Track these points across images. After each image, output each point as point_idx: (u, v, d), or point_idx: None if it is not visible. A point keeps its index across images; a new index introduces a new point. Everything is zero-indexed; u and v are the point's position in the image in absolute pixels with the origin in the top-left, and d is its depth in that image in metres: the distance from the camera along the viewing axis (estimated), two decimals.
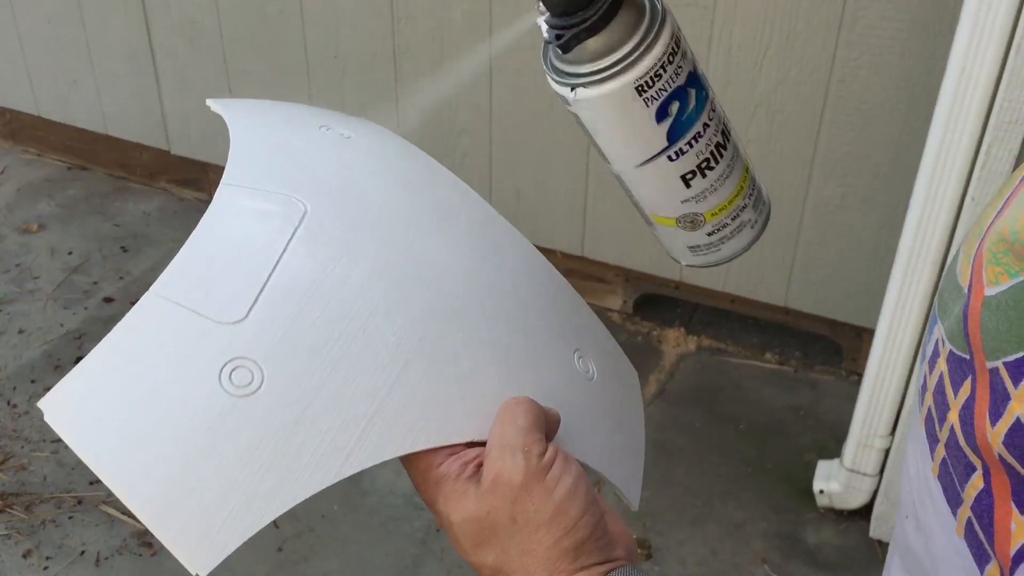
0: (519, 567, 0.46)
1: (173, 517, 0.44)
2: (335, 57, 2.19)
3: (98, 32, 2.47)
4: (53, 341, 2.14)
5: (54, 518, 1.74)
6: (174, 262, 0.49)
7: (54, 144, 2.79)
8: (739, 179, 0.57)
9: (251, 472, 0.44)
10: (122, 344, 0.46)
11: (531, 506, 0.46)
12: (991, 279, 0.45)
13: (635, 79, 0.50)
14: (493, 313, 0.54)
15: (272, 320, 0.47)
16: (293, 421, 0.46)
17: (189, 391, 0.45)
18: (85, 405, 0.45)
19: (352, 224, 0.52)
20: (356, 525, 1.74)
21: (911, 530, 0.55)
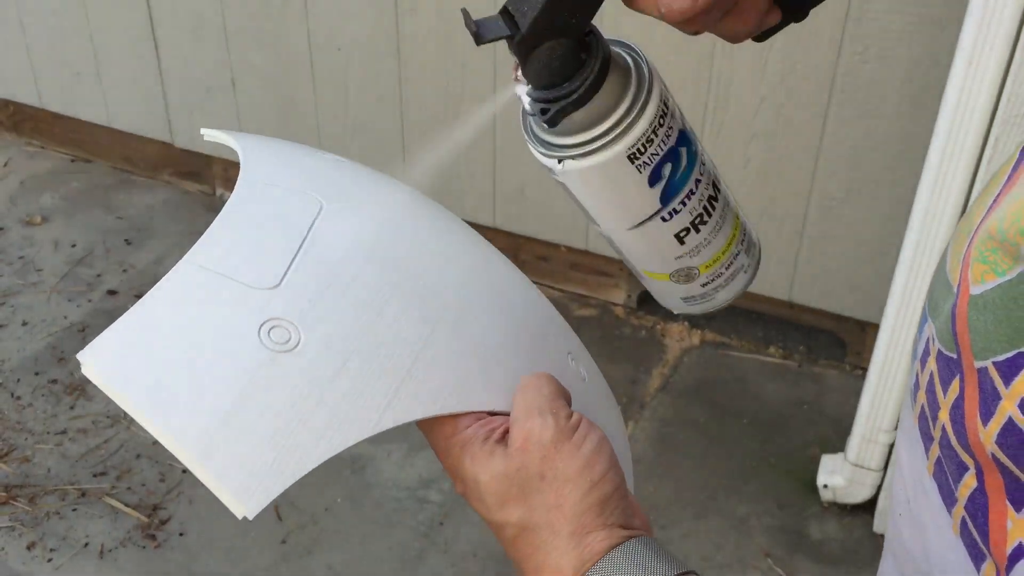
0: (545, 523, 0.47)
1: (219, 461, 0.44)
2: (339, 50, 2.18)
3: (102, 25, 2.47)
4: (57, 333, 2.14)
5: (58, 510, 1.75)
6: (207, 234, 0.50)
7: (58, 137, 2.79)
8: (732, 228, 0.56)
9: (294, 420, 0.45)
10: (160, 302, 0.47)
11: (559, 462, 0.47)
12: (976, 278, 0.45)
13: (627, 148, 0.48)
14: (500, 307, 0.56)
15: (305, 286, 0.49)
16: (331, 377, 0.47)
17: (231, 343, 0.46)
18: (126, 356, 0.45)
19: (367, 218, 0.55)
20: (360, 518, 1.74)
21: (905, 527, 0.55)
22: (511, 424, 0.49)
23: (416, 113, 2.18)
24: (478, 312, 0.54)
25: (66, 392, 1.99)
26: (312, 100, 2.29)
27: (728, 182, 0.55)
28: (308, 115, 2.31)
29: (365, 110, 2.24)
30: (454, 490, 0.52)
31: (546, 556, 0.47)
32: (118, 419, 1.93)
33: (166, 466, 1.84)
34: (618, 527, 0.47)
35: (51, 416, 1.94)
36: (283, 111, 2.35)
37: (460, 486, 0.50)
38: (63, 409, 1.95)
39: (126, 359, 0.45)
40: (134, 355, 0.45)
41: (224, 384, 0.45)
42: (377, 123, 2.24)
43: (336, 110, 2.28)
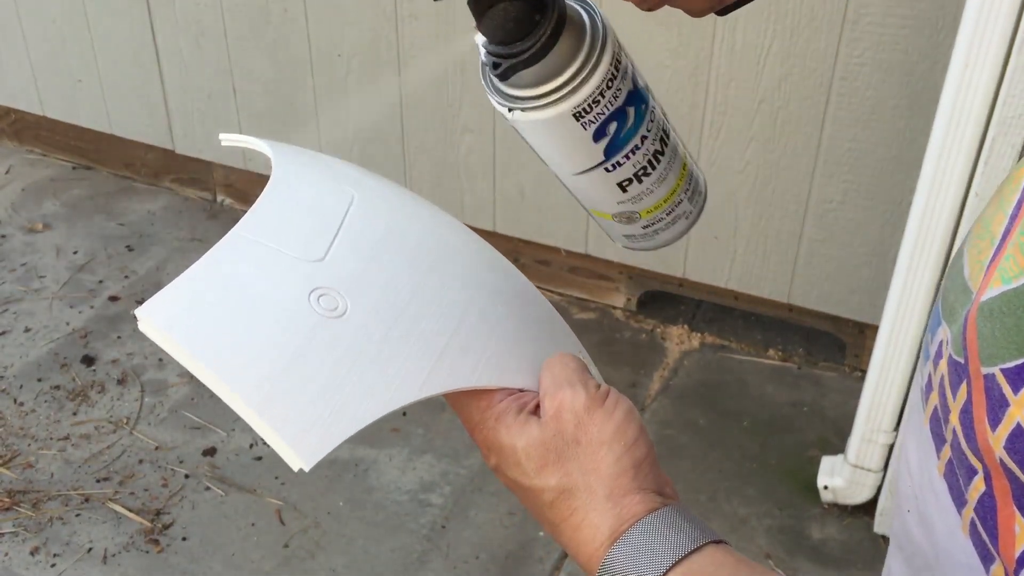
0: (582, 485, 0.49)
1: (276, 412, 0.45)
2: (339, 56, 2.19)
3: (103, 32, 2.48)
4: (59, 340, 2.15)
5: (61, 515, 1.75)
6: (250, 214, 0.52)
7: (59, 144, 2.80)
8: (676, 178, 0.57)
9: (345, 379, 0.47)
10: (214, 267, 0.49)
11: (593, 428, 0.49)
12: (989, 284, 0.45)
13: (573, 107, 0.50)
14: (516, 298, 0.59)
15: (347, 261, 0.52)
16: (377, 343, 0.49)
17: (285, 305, 0.48)
18: (182, 313, 0.46)
19: (395, 209, 0.59)
20: (362, 521, 1.75)
21: (913, 524, 0.55)
22: (542, 397, 0.51)
23: (416, 119, 2.19)
24: (500, 300, 0.57)
25: (69, 398, 2.00)
26: (312, 106, 2.30)
27: (726, 185, 0.56)
28: (309, 121, 2.32)
29: (365, 116, 2.25)
30: (486, 464, 0.54)
31: (584, 516, 0.48)
32: (121, 424, 1.94)
33: (169, 471, 1.84)
34: (653, 492, 0.49)
35: (54, 422, 1.94)
36: (284, 117, 2.35)
37: (494, 458, 0.52)
38: (66, 415, 1.96)
39: (182, 316, 0.46)
40: (191, 311, 0.46)
41: (280, 341, 0.47)
42: (377, 129, 2.25)
43: (336, 116, 2.28)
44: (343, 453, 1.87)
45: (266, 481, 1.82)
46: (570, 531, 0.49)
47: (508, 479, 0.52)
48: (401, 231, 0.57)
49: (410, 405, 0.49)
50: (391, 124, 2.22)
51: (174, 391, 2.02)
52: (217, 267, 0.48)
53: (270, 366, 0.46)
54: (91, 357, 2.10)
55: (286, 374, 0.46)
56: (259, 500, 1.78)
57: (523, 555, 1.69)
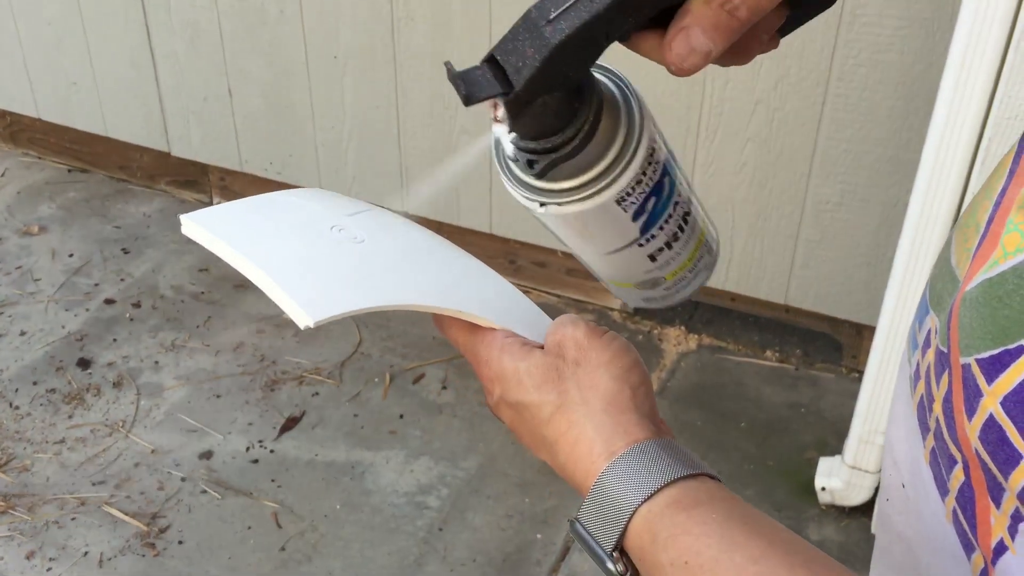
0: (580, 399, 0.50)
1: (290, 278, 0.49)
2: (335, 58, 2.19)
3: (98, 34, 2.48)
4: (55, 343, 2.14)
5: (57, 519, 1.75)
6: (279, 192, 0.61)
7: (54, 147, 2.80)
8: (699, 235, 0.55)
9: (359, 275, 0.53)
10: (251, 201, 0.57)
11: (592, 352, 0.51)
12: (973, 273, 0.45)
13: (616, 194, 0.46)
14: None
15: (369, 223, 0.58)
16: (393, 262, 0.55)
17: (308, 227, 0.55)
18: (221, 219, 0.55)
19: (401, 221, 0.65)
20: (359, 524, 1.74)
21: (895, 513, 0.55)
22: (546, 335, 0.54)
23: (412, 121, 2.19)
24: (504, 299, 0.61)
25: (64, 401, 1.99)
26: (308, 108, 2.29)
27: (723, 186, 0.55)
28: (304, 123, 2.32)
29: (361, 118, 2.25)
30: (485, 402, 0.58)
31: (582, 430, 0.49)
32: (116, 428, 1.93)
33: (165, 474, 1.84)
34: (650, 420, 0.50)
35: (49, 425, 1.94)
36: (279, 119, 2.35)
37: (497, 388, 0.53)
38: (61, 418, 1.95)
39: (220, 219, 0.54)
40: (228, 219, 0.55)
41: (304, 242, 0.53)
42: (373, 131, 2.25)
43: (332, 118, 2.28)
44: (340, 455, 1.87)
45: (262, 484, 1.82)
46: (567, 447, 0.50)
47: (508, 404, 0.53)
48: (410, 230, 0.62)
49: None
50: (387, 126, 2.22)
51: (170, 394, 2.01)
52: (253, 202, 0.57)
53: (288, 251, 0.52)
54: (87, 360, 2.10)
55: (301, 259, 0.52)
56: (255, 503, 1.78)
57: (520, 558, 1.69)
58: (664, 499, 0.46)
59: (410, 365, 2.08)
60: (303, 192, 0.61)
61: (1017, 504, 0.41)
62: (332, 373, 2.06)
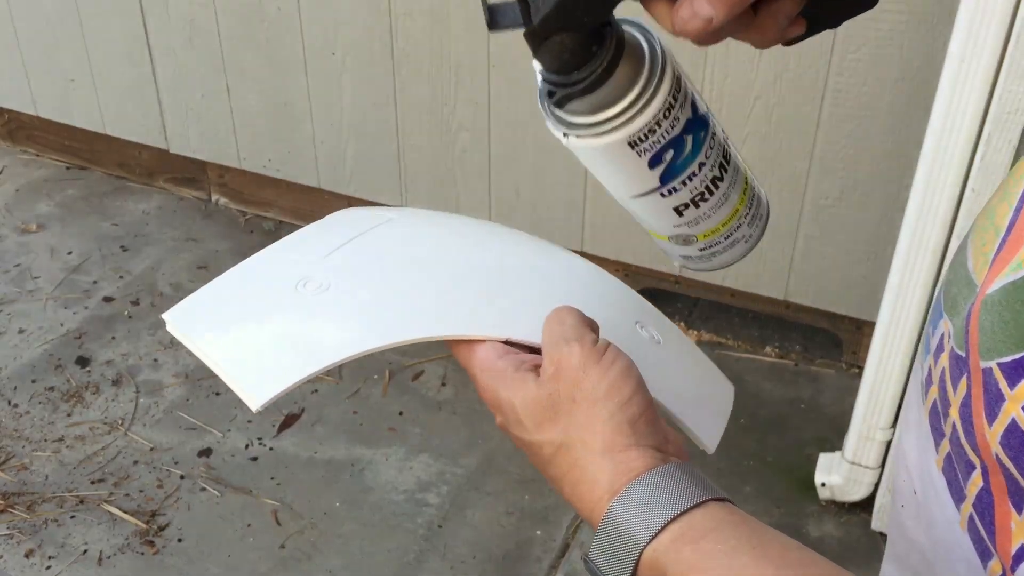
0: (578, 440, 0.49)
1: (231, 364, 0.52)
2: (333, 54, 2.19)
3: (96, 32, 2.47)
4: (53, 341, 2.14)
5: (56, 517, 1.75)
6: (292, 235, 0.64)
7: (53, 144, 2.79)
8: (736, 203, 0.57)
9: (308, 334, 0.54)
10: (227, 274, 0.60)
11: (588, 384, 0.50)
12: (993, 276, 0.45)
13: (627, 136, 0.49)
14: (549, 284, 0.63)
15: (345, 258, 0.59)
16: (359, 306, 0.56)
17: (270, 291, 0.57)
18: (186, 307, 0.57)
19: (423, 223, 0.66)
20: (358, 522, 1.74)
21: (908, 518, 0.55)
22: (543, 355, 0.52)
23: (411, 118, 2.18)
24: (521, 289, 0.61)
25: (63, 399, 1.99)
26: (307, 105, 2.29)
27: None
28: (303, 120, 2.32)
29: (360, 115, 2.24)
30: (495, 422, 0.55)
31: (582, 472, 0.49)
32: (116, 426, 1.93)
33: (164, 472, 1.83)
34: (652, 448, 0.49)
35: (48, 423, 1.93)
36: (278, 116, 2.35)
37: (500, 416, 0.53)
38: (60, 416, 1.95)
39: (186, 307, 0.57)
40: (194, 305, 0.57)
41: (253, 314, 0.56)
42: (372, 128, 2.24)
43: (331, 115, 2.28)
44: (339, 453, 1.87)
45: (262, 482, 1.82)
46: (570, 486, 0.50)
47: (512, 435, 0.53)
48: (415, 235, 0.62)
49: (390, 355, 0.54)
50: (386, 123, 2.22)
51: (169, 392, 2.01)
52: (230, 274, 0.59)
53: (238, 331, 0.55)
54: (85, 358, 2.09)
55: (249, 334, 0.54)
56: (255, 501, 1.78)
57: (520, 554, 1.69)
58: (670, 534, 0.46)
59: (409, 362, 2.08)
60: (310, 229, 0.63)
61: None
62: (331, 371, 2.05)
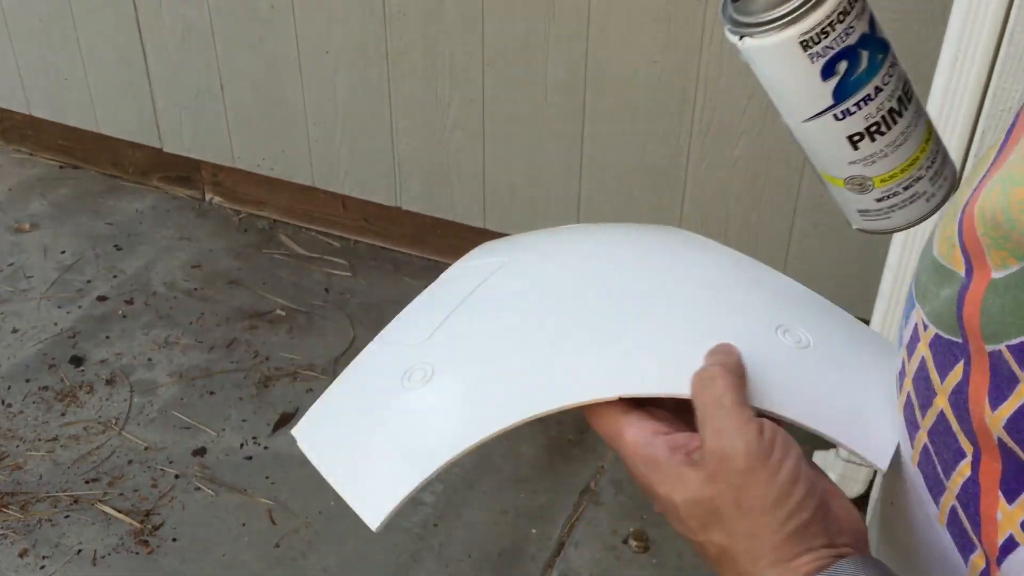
0: (744, 550, 0.46)
1: (346, 483, 0.53)
2: (327, 53, 2.18)
3: (89, 30, 2.47)
4: (47, 340, 2.13)
5: (50, 517, 1.74)
6: (399, 315, 0.63)
7: (46, 143, 2.79)
8: (916, 148, 0.55)
9: (411, 438, 0.53)
10: (343, 377, 0.60)
11: (756, 491, 0.46)
12: (998, 263, 0.45)
13: (800, 34, 0.50)
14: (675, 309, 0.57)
15: (447, 332, 0.57)
16: (457, 395, 0.54)
17: (378, 392, 0.56)
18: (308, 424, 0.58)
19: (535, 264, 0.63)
20: (354, 521, 1.73)
21: (887, 517, 0.55)
22: (701, 441, 0.48)
23: (405, 116, 2.18)
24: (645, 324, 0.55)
25: (57, 399, 1.98)
26: (301, 104, 2.29)
27: (716, 180, 0.56)
28: (297, 119, 2.31)
29: (354, 113, 2.24)
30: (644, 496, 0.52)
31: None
32: (110, 425, 1.92)
33: (158, 471, 1.83)
34: (823, 547, 0.46)
35: (42, 423, 1.93)
36: (272, 115, 2.34)
37: (658, 506, 0.50)
38: (54, 416, 1.95)
39: (308, 424, 0.58)
40: (314, 421, 0.58)
41: (362, 422, 0.55)
42: (366, 127, 2.24)
43: (325, 114, 2.27)
44: None
45: (256, 481, 1.81)
46: None
47: (674, 526, 0.50)
48: (528, 286, 0.59)
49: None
50: (379, 121, 2.21)
51: (163, 391, 2.01)
52: (343, 379, 0.59)
53: (351, 445, 0.54)
54: (79, 357, 2.09)
55: (361, 447, 0.54)
56: (250, 500, 1.78)
57: (516, 553, 1.69)
58: None
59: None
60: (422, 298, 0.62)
61: None
62: (326, 369, 2.06)
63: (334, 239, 2.45)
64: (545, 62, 1.96)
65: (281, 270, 2.35)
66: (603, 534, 1.71)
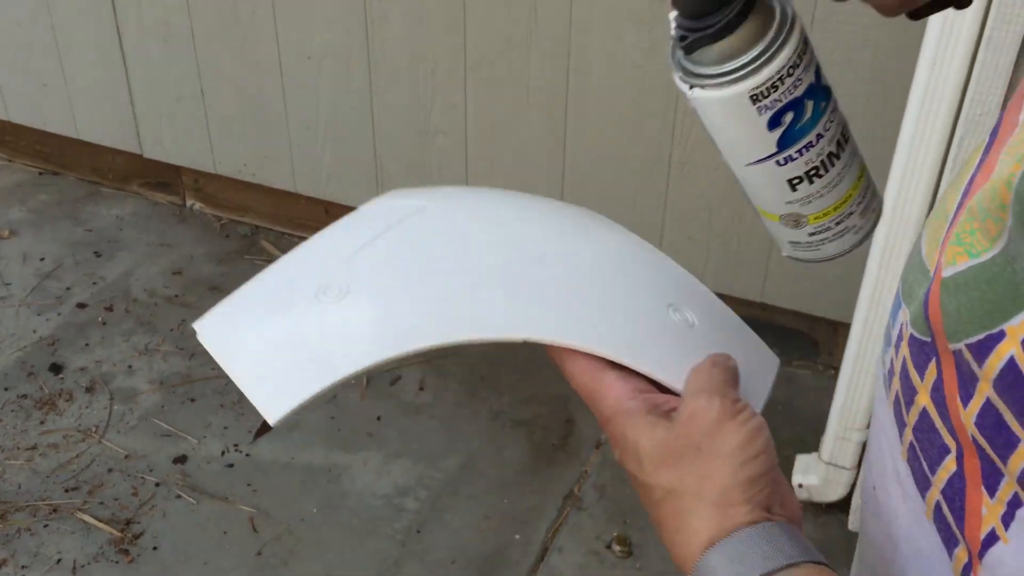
0: (694, 490, 0.49)
1: (247, 378, 0.52)
2: (309, 58, 2.18)
3: (68, 35, 2.45)
4: (26, 348, 2.11)
5: (29, 526, 1.72)
6: (318, 234, 0.62)
7: (24, 149, 2.76)
8: (850, 186, 0.58)
9: (323, 344, 0.53)
10: (251, 283, 0.59)
11: (718, 439, 0.49)
12: (949, 260, 0.45)
13: (750, 89, 0.51)
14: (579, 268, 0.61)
15: (365, 259, 0.57)
16: (369, 313, 0.55)
17: (290, 300, 0.56)
18: (213, 318, 0.57)
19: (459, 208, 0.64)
20: (336, 527, 1.73)
21: (869, 516, 0.56)
22: (682, 400, 0.52)
23: (388, 121, 2.18)
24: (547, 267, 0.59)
25: (36, 407, 1.97)
26: (283, 109, 2.28)
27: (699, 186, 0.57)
28: (279, 124, 2.30)
29: (336, 118, 2.23)
30: (614, 458, 0.55)
31: (687, 519, 0.49)
32: (89, 433, 1.91)
33: (139, 479, 1.82)
34: (761, 508, 0.49)
35: (21, 431, 1.91)
36: (253, 120, 2.33)
37: (618, 452, 0.53)
38: (33, 424, 1.93)
39: (212, 318, 0.57)
40: (220, 316, 0.57)
41: (274, 325, 0.55)
42: (349, 131, 2.23)
43: (307, 119, 2.27)
44: (317, 458, 1.86)
45: (238, 488, 1.80)
46: (671, 531, 0.50)
47: (627, 471, 0.53)
48: (448, 225, 0.60)
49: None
50: (362, 126, 2.21)
51: (144, 398, 1.99)
52: (255, 281, 0.59)
53: (257, 344, 0.54)
54: (59, 365, 2.07)
55: (267, 347, 0.54)
56: (231, 507, 1.76)
57: (500, 559, 1.69)
58: None
59: (387, 367, 2.07)
60: (342, 223, 0.62)
61: (1016, 489, 0.41)
62: None
63: None
64: (527, 67, 1.96)
65: None
66: (587, 539, 1.71)
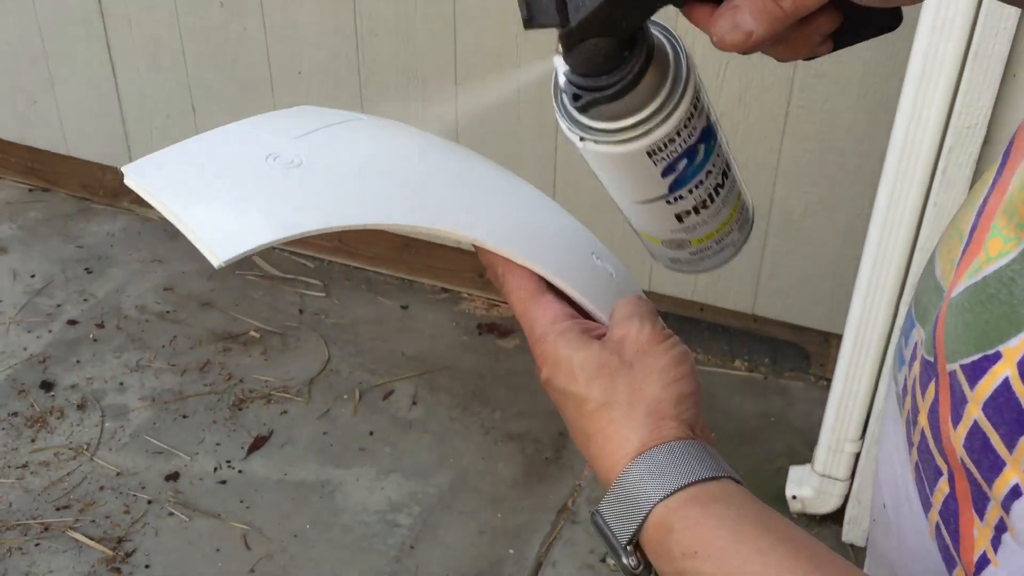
0: (625, 400, 0.51)
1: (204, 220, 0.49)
2: (299, 73, 2.18)
3: (58, 51, 2.45)
4: (16, 365, 2.10)
5: (20, 546, 1.71)
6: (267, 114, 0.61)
7: (14, 166, 2.76)
8: (731, 210, 0.57)
9: (278, 201, 0.52)
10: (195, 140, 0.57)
11: (649, 356, 0.52)
12: (957, 281, 0.45)
13: (647, 146, 0.49)
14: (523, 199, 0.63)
15: (321, 140, 0.56)
16: (337, 183, 0.53)
17: (243, 158, 0.54)
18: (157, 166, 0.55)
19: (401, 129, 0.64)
20: (329, 544, 1.72)
21: (880, 535, 0.55)
22: (611, 325, 0.54)
23: None
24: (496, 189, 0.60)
25: (27, 425, 1.96)
26: None
27: None
28: None
29: None
30: (538, 378, 0.55)
31: (618, 428, 0.50)
32: (81, 451, 1.90)
33: (130, 497, 1.81)
34: (687, 426, 0.50)
35: (12, 449, 1.90)
36: None
37: (547, 370, 0.53)
38: (24, 442, 1.92)
39: (149, 163, 0.55)
40: (159, 162, 0.55)
41: (224, 182, 0.53)
42: None
43: None
44: (309, 474, 1.85)
45: (231, 505, 1.79)
46: (600, 441, 0.51)
47: (555, 389, 0.53)
48: (398, 140, 0.60)
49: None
50: None
51: (135, 415, 1.98)
52: (196, 139, 0.56)
53: (205, 189, 0.52)
54: (50, 382, 2.06)
55: (216, 194, 0.52)
56: (224, 525, 1.76)
57: (494, 573, 1.68)
58: (682, 496, 0.47)
59: (379, 381, 2.06)
60: (271, 116, 0.61)
61: (1001, 514, 0.41)
62: (300, 391, 2.04)
63: (308, 259, 2.44)
64: (518, 81, 1.97)
65: (255, 291, 2.34)
66: (580, 553, 1.71)
